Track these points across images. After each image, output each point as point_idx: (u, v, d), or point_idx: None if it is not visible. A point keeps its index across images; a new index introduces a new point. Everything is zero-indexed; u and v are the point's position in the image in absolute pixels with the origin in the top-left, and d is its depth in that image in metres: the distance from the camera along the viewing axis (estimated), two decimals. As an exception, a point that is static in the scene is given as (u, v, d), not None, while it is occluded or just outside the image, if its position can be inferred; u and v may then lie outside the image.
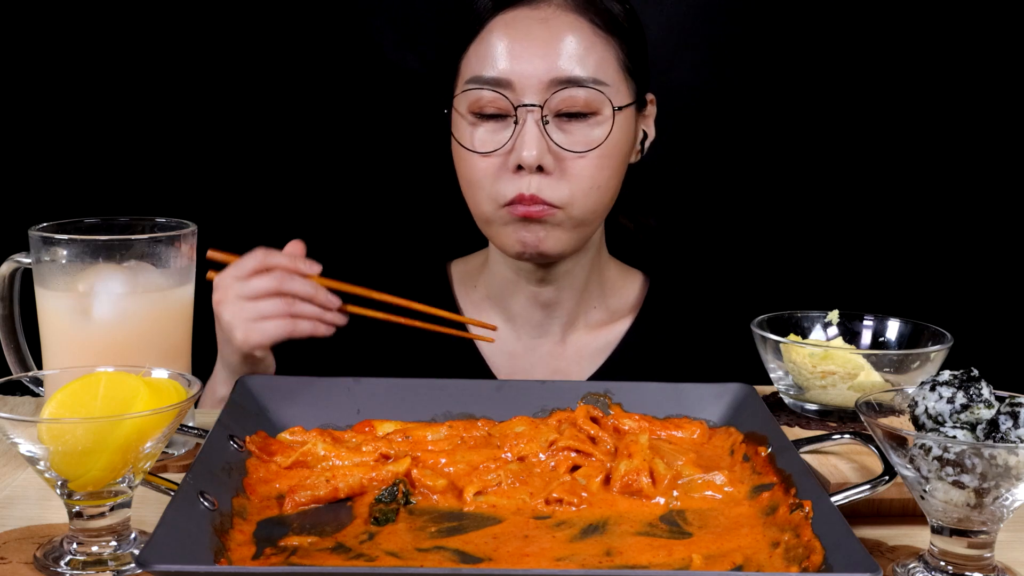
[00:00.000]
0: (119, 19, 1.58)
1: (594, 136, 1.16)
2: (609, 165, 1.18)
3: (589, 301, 1.30)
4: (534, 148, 1.14)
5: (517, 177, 1.15)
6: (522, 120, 1.15)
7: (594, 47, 1.17)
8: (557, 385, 0.98)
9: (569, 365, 1.29)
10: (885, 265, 1.66)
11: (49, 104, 1.60)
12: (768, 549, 0.73)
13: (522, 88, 1.15)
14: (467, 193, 1.22)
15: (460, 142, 1.19)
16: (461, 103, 1.19)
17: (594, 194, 1.18)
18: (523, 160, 1.14)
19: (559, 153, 1.15)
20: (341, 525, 0.77)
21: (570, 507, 0.80)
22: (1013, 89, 1.61)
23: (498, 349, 1.30)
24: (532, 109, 1.14)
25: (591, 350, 1.30)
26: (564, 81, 1.15)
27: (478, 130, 1.18)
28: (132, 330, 0.89)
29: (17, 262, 0.94)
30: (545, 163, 1.14)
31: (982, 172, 1.64)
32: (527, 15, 1.18)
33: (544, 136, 1.14)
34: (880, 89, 1.62)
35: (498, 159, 1.16)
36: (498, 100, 1.15)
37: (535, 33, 1.16)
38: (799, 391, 1.03)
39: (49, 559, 0.73)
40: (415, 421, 0.94)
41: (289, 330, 1.05)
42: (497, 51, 1.16)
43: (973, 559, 0.74)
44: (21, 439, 0.71)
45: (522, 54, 1.15)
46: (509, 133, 1.16)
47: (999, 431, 0.75)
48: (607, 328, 1.31)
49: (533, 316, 1.29)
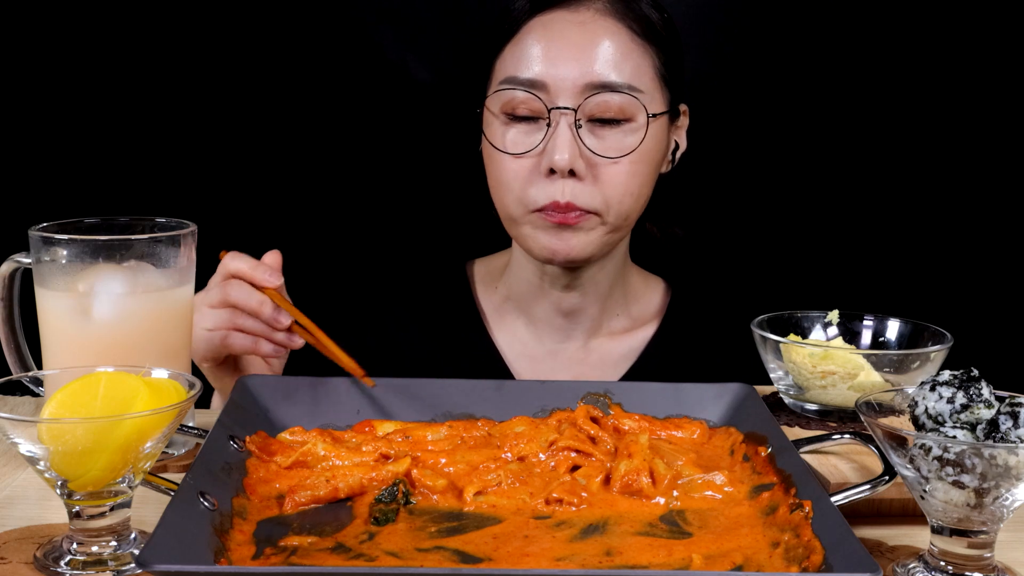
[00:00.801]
0: (119, 19, 1.58)
1: (627, 143, 1.15)
2: (641, 172, 1.17)
3: (612, 308, 1.30)
4: (566, 151, 1.12)
5: (549, 182, 1.14)
6: (555, 123, 1.14)
7: (631, 53, 1.16)
8: (557, 385, 0.98)
9: (592, 371, 1.29)
10: (885, 265, 1.66)
11: (49, 104, 1.60)
12: (768, 549, 0.73)
13: (556, 91, 1.14)
14: (495, 193, 1.21)
15: (492, 142, 1.18)
16: (494, 103, 1.18)
17: (627, 201, 1.17)
18: (555, 163, 1.13)
19: (591, 158, 1.14)
20: (341, 525, 0.77)
21: (570, 507, 0.80)
22: (1013, 89, 1.61)
23: (520, 354, 1.30)
24: (565, 112, 1.13)
25: (615, 357, 1.30)
26: (599, 86, 1.14)
27: (510, 131, 1.17)
28: (132, 330, 0.89)
29: (17, 262, 0.94)
30: (577, 167, 1.13)
31: (982, 172, 1.64)
32: (565, 18, 1.17)
33: (576, 140, 1.13)
34: (880, 89, 1.62)
35: (529, 161, 1.16)
36: (531, 101, 1.14)
37: (572, 36, 1.15)
38: (799, 391, 1.03)
39: (49, 559, 0.73)
40: (415, 421, 0.94)
41: (223, 345, 1.02)
42: (533, 53, 1.16)
43: (973, 559, 0.74)
44: (21, 439, 0.71)
45: (558, 57, 1.14)
46: (541, 135, 1.15)
47: (999, 431, 0.75)
48: (630, 335, 1.31)
49: (555, 321, 1.29)
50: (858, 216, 1.66)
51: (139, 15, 1.58)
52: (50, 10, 1.57)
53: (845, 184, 1.65)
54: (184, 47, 1.59)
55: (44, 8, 1.57)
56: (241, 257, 1.02)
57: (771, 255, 1.67)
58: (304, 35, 1.60)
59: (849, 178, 1.65)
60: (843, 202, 1.65)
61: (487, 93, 1.20)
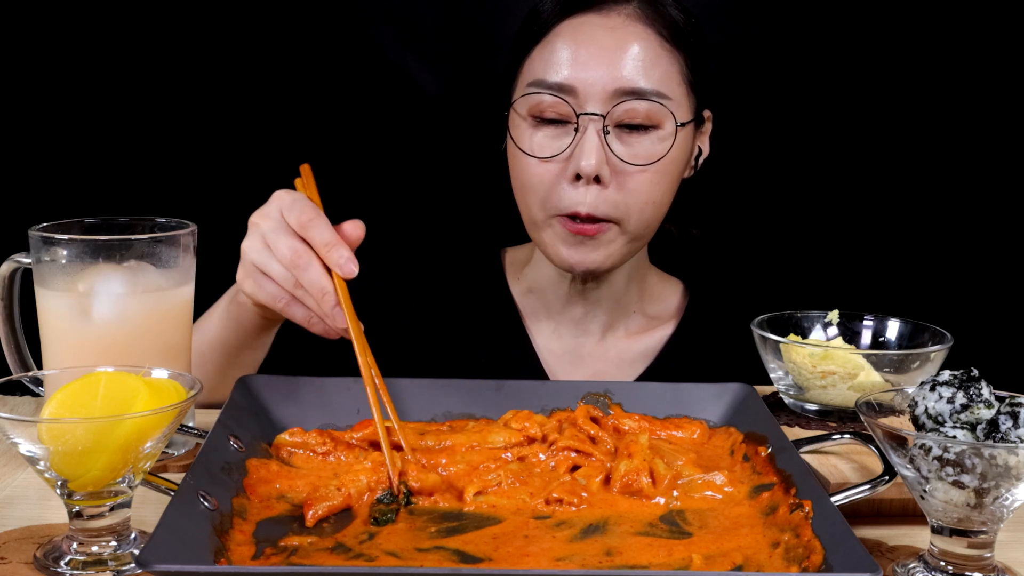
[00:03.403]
0: (119, 19, 1.58)
1: (655, 151, 1.15)
2: (665, 180, 1.17)
3: (628, 306, 1.31)
4: (593, 157, 1.12)
5: (572, 188, 1.14)
6: (583, 128, 1.13)
7: (660, 59, 1.16)
8: (557, 385, 0.98)
9: (610, 369, 1.30)
10: (885, 265, 1.65)
11: (49, 104, 1.60)
12: (768, 549, 0.73)
13: (585, 95, 1.13)
14: (519, 196, 1.21)
15: (518, 145, 1.17)
16: (521, 106, 1.18)
17: (649, 209, 1.17)
18: (582, 169, 1.12)
19: (617, 165, 1.14)
20: (341, 525, 0.77)
21: (570, 507, 0.80)
22: (1013, 89, 1.61)
23: (543, 347, 1.31)
24: (594, 118, 1.13)
25: (632, 355, 1.31)
26: (628, 92, 1.13)
27: (537, 134, 1.16)
28: (132, 330, 0.89)
29: (17, 262, 0.94)
30: (603, 174, 1.13)
31: (982, 172, 1.64)
32: (595, 22, 1.16)
33: (604, 146, 1.13)
34: (880, 89, 1.61)
35: (555, 165, 1.15)
36: (559, 105, 1.14)
37: (602, 40, 1.15)
38: (799, 391, 1.03)
39: (49, 559, 0.73)
40: (415, 421, 0.94)
41: (280, 306, 0.96)
42: (562, 56, 1.15)
43: (973, 559, 0.74)
44: (21, 439, 0.71)
45: (587, 61, 1.14)
46: (569, 140, 1.14)
47: (999, 431, 0.75)
48: (647, 334, 1.32)
49: (574, 313, 1.30)
50: (858, 216, 1.65)
51: (139, 15, 1.58)
52: (50, 10, 1.57)
53: (845, 184, 1.65)
54: (185, 47, 1.59)
55: (44, 8, 1.57)
56: (321, 222, 0.94)
57: (771, 255, 1.67)
58: (309, 33, 1.60)
59: (849, 178, 1.65)
60: (843, 202, 1.65)
61: (513, 95, 1.20)
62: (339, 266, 0.92)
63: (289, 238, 0.94)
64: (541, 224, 1.18)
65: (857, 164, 1.64)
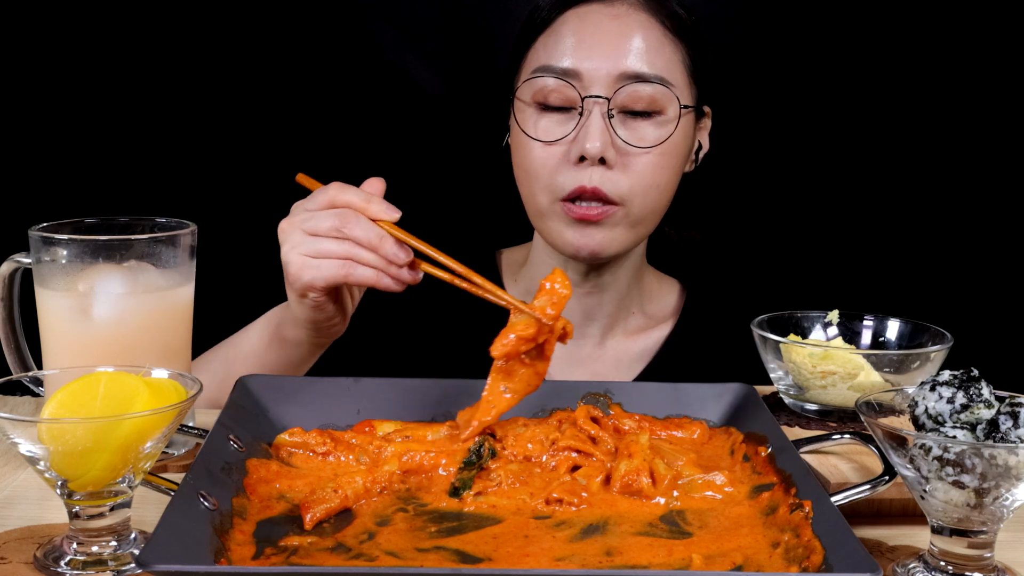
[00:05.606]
0: (119, 19, 1.58)
1: (658, 134, 1.17)
2: (669, 165, 1.19)
3: (629, 307, 1.31)
4: (598, 140, 1.14)
5: (578, 170, 1.16)
6: (587, 112, 1.15)
7: (663, 48, 1.18)
8: (557, 385, 0.97)
9: (608, 369, 1.30)
10: (885, 265, 1.65)
11: (49, 104, 1.60)
12: (768, 549, 0.73)
13: (590, 80, 1.16)
14: (523, 184, 1.22)
15: (524, 129, 1.19)
16: (526, 92, 1.19)
17: (653, 192, 1.18)
18: (586, 151, 1.14)
19: (622, 147, 1.16)
20: (341, 525, 0.77)
21: (570, 507, 0.80)
22: (1013, 89, 1.61)
23: None
24: (599, 101, 1.15)
25: (630, 356, 1.31)
26: (631, 77, 1.15)
27: (542, 120, 1.18)
28: (132, 330, 0.89)
29: (17, 262, 0.94)
30: (608, 156, 1.15)
31: (982, 172, 1.64)
32: (600, 10, 1.19)
33: (609, 129, 1.15)
34: (881, 90, 1.61)
35: (559, 150, 1.17)
36: (565, 89, 1.16)
37: (606, 28, 1.17)
38: (799, 391, 1.03)
39: (49, 559, 0.73)
40: (415, 421, 0.94)
41: (344, 274, 0.95)
42: (567, 43, 1.17)
43: (973, 559, 0.74)
44: (21, 439, 0.71)
45: (592, 48, 1.16)
46: (573, 125, 1.16)
47: (999, 431, 0.75)
48: (645, 334, 1.32)
49: (573, 318, 1.29)
50: (858, 216, 1.66)
51: (139, 15, 1.58)
52: (50, 10, 1.57)
53: (845, 185, 1.65)
54: (185, 47, 1.59)
55: (44, 8, 1.57)
56: (348, 188, 0.96)
57: (771, 255, 1.67)
58: (309, 33, 1.60)
59: (849, 179, 1.65)
60: (843, 202, 1.65)
61: (517, 83, 1.22)
62: (383, 212, 0.94)
63: (326, 215, 0.95)
64: (546, 211, 1.19)
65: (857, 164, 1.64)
